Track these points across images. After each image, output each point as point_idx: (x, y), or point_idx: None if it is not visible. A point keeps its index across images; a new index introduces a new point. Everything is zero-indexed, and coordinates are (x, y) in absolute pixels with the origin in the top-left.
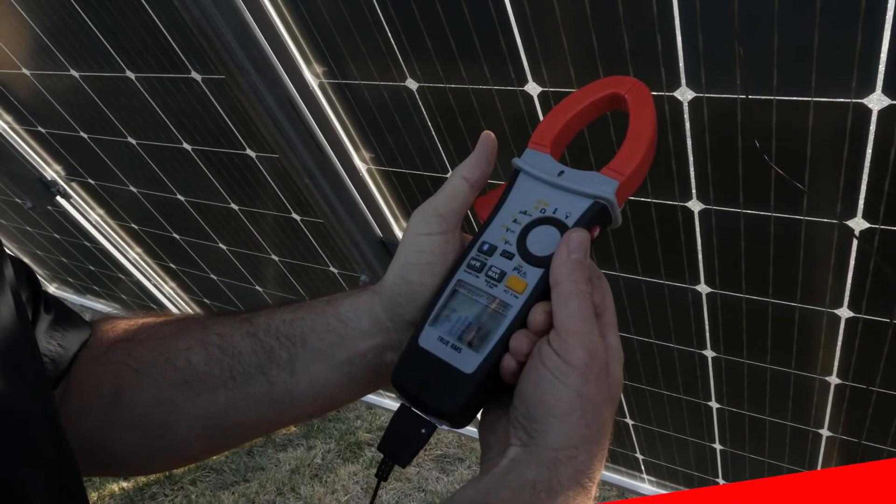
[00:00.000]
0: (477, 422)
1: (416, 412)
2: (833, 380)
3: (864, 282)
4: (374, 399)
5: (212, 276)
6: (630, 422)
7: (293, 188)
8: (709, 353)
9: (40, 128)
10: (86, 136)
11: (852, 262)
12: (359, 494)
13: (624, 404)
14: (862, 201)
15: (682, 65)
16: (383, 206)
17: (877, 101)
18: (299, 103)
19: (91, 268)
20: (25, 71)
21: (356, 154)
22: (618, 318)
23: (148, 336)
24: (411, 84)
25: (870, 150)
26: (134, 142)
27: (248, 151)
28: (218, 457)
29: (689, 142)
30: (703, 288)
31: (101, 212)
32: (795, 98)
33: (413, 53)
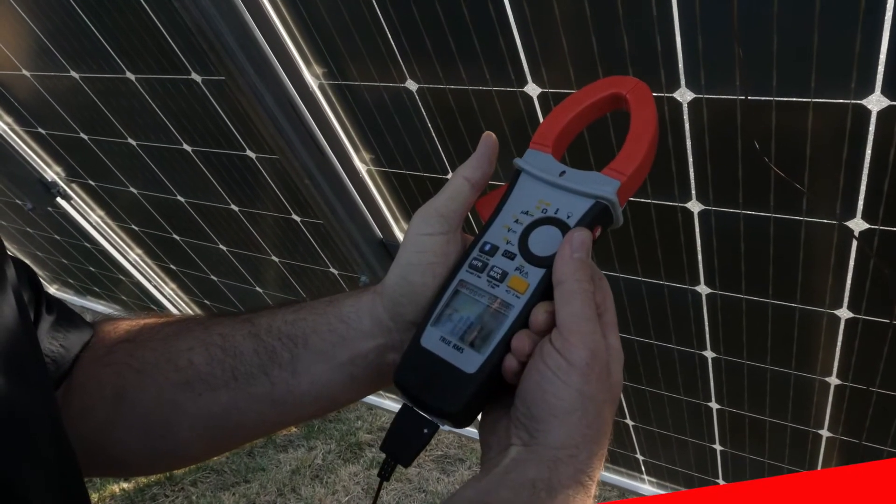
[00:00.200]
0: (477, 422)
1: (418, 412)
2: (833, 380)
3: (864, 282)
4: (374, 400)
5: (212, 277)
6: (630, 423)
7: (293, 189)
8: (709, 353)
9: (40, 129)
10: (86, 137)
11: (852, 262)
12: (359, 495)
13: (624, 405)
14: (861, 202)
15: (681, 66)
16: (383, 207)
17: (876, 102)
18: (299, 104)
19: (91, 269)
20: (26, 72)
21: (356, 155)
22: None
23: (149, 337)
24: (411, 85)
25: (869, 150)
26: (134, 143)
27: (248, 152)
28: (218, 457)
29: (688, 143)
30: (702, 289)
31: (101, 213)
32: (795, 99)
33: (413, 54)
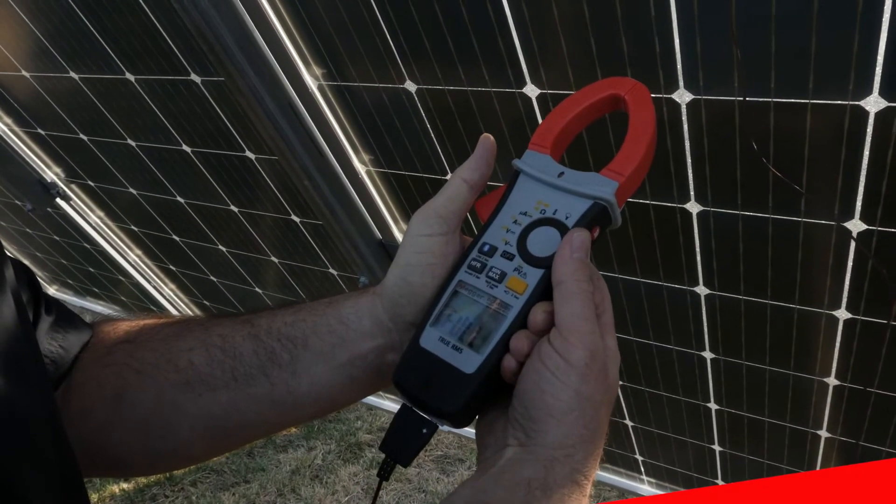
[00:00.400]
0: (475, 423)
1: (417, 412)
2: (831, 381)
3: (862, 283)
4: (374, 400)
5: (211, 277)
6: (629, 423)
7: (292, 190)
8: (708, 354)
9: (40, 130)
10: (85, 138)
11: (850, 263)
12: (359, 495)
13: (623, 406)
14: (859, 203)
15: (679, 67)
16: (382, 208)
17: (874, 104)
18: (298, 105)
19: (91, 270)
20: (25, 73)
21: (355, 156)
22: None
23: (149, 337)
24: (410, 86)
25: (867, 151)
26: (134, 144)
27: (248, 153)
28: (218, 458)
29: (687, 144)
30: (701, 289)
31: (100, 214)
32: (793, 100)
33: (412, 56)
